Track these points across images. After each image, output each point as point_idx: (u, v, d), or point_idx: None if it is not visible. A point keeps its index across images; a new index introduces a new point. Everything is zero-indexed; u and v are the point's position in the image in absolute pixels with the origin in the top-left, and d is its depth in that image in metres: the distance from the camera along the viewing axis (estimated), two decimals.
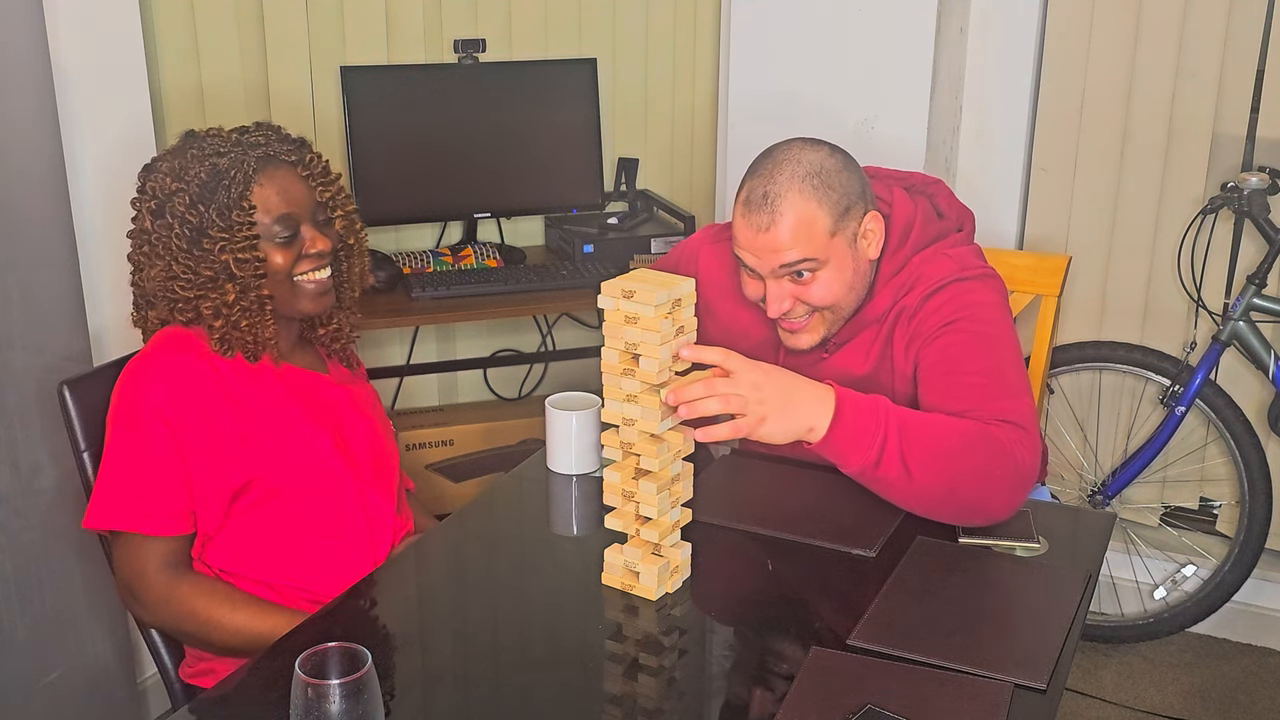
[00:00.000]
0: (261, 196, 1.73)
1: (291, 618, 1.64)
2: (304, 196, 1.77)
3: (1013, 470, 1.63)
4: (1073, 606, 1.50)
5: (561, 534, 1.85)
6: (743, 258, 1.80)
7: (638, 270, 1.49)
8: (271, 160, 1.75)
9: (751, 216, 1.76)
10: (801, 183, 1.75)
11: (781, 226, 1.74)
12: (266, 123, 1.84)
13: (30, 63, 2.08)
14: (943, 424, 1.64)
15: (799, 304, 1.81)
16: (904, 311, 1.85)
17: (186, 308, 1.74)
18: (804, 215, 1.74)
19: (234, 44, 2.74)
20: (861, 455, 1.58)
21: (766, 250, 1.76)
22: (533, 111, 2.95)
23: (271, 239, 1.74)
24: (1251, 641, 2.92)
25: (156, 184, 1.74)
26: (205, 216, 1.70)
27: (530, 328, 3.19)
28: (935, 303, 1.82)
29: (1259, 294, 2.63)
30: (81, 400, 1.78)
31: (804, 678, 1.36)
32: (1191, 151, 2.73)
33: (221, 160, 1.72)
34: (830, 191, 1.76)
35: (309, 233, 1.77)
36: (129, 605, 1.75)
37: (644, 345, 1.44)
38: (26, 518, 2.14)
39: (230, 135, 1.78)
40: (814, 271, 1.78)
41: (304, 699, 1.10)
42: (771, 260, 1.76)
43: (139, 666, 2.47)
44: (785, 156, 1.78)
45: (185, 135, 1.80)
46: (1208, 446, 2.88)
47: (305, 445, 1.77)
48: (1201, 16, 2.66)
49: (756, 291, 1.83)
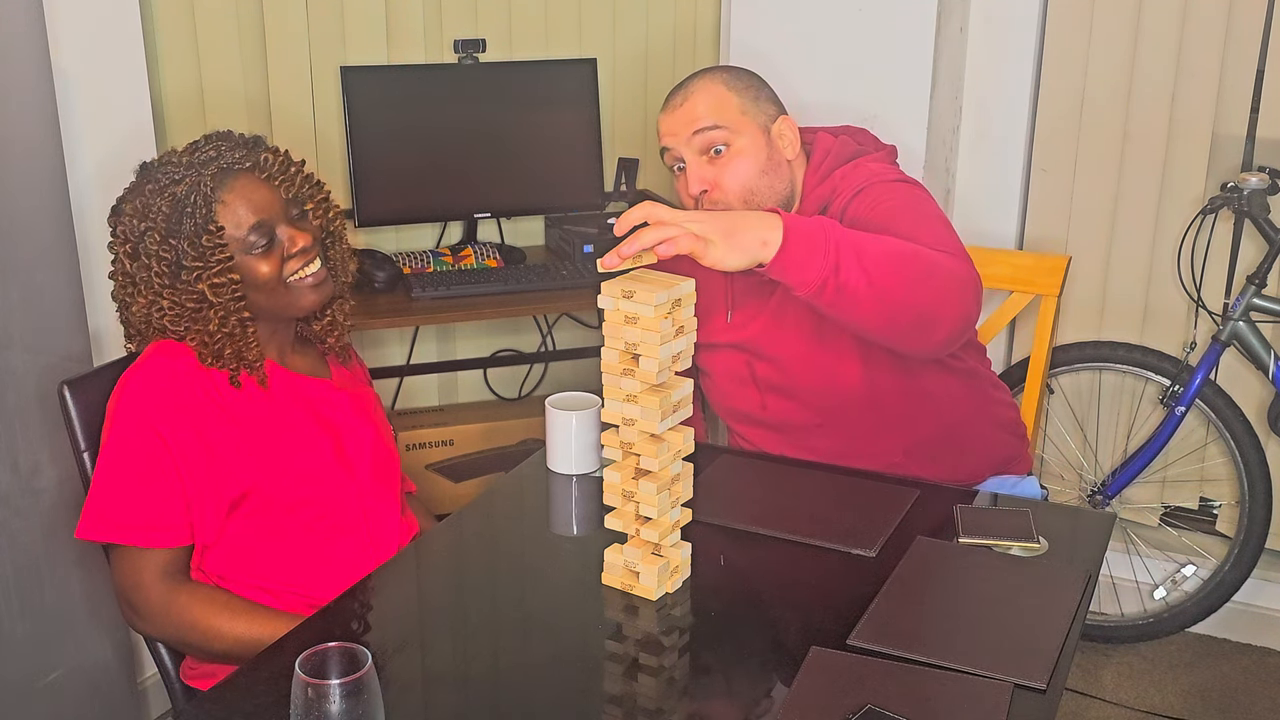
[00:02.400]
0: (227, 213, 1.69)
1: (290, 623, 1.63)
2: (270, 199, 1.73)
3: (953, 275, 1.69)
4: (1073, 606, 1.50)
5: (561, 534, 1.85)
6: (668, 147, 1.95)
7: (638, 270, 1.49)
8: (228, 172, 1.71)
9: (669, 103, 1.96)
10: (712, 74, 1.98)
11: (694, 99, 1.94)
12: (218, 132, 1.79)
13: (30, 63, 2.08)
14: (883, 237, 1.68)
15: (716, 189, 1.91)
16: (844, 209, 1.91)
17: (174, 337, 1.73)
18: (714, 91, 1.94)
19: (234, 44, 2.74)
20: (820, 262, 1.58)
21: (682, 123, 1.92)
22: (533, 111, 2.95)
23: (249, 251, 1.71)
24: (1251, 641, 2.92)
25: (126, 227, 1.72)
26: (178, 249, 1.68)
27: (530, 328, 3.19)
28: (858, 203, 1.89)
29: (1259, 294, 2.64)
30: (82, 400, 1.78)
31: (804, 678, 1.36)
32: (1191, 151, 2.73)
33: (179, 188, 1.69)
34: (738, 81, 1.97)
35: (287, 232, 1.74)
36: (128, 617, 1.73)
37: (644, 345, 1.44)
38: (26, 518, 2.14)
39: (182, 158, 1.73)
40: (728, 146, 1.92)
41: (304, 699, 1.10)
42: (686, 130, 1.92)
43: (139, 666, 2.47)
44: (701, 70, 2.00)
45: (140, 169, 1.77)
46: (1208, 446, 2.88)
47: (304, 454, 1.76)
48: (1201, 16, 2.66)
49: (684, 188, 1.95)
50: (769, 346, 2.02)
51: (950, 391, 2.05)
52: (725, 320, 2.04)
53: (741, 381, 2.07)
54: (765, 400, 2.05)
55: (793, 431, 2.05)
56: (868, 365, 1.97)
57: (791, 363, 2.01)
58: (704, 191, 1.93)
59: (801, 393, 2.02)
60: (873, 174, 1.95)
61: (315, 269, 1.77)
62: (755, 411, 2.07)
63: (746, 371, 2.06)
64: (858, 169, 1.97)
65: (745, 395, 2.07)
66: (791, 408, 2.03)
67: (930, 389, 2.02)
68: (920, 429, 2.03)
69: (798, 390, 2.02)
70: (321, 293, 1.79)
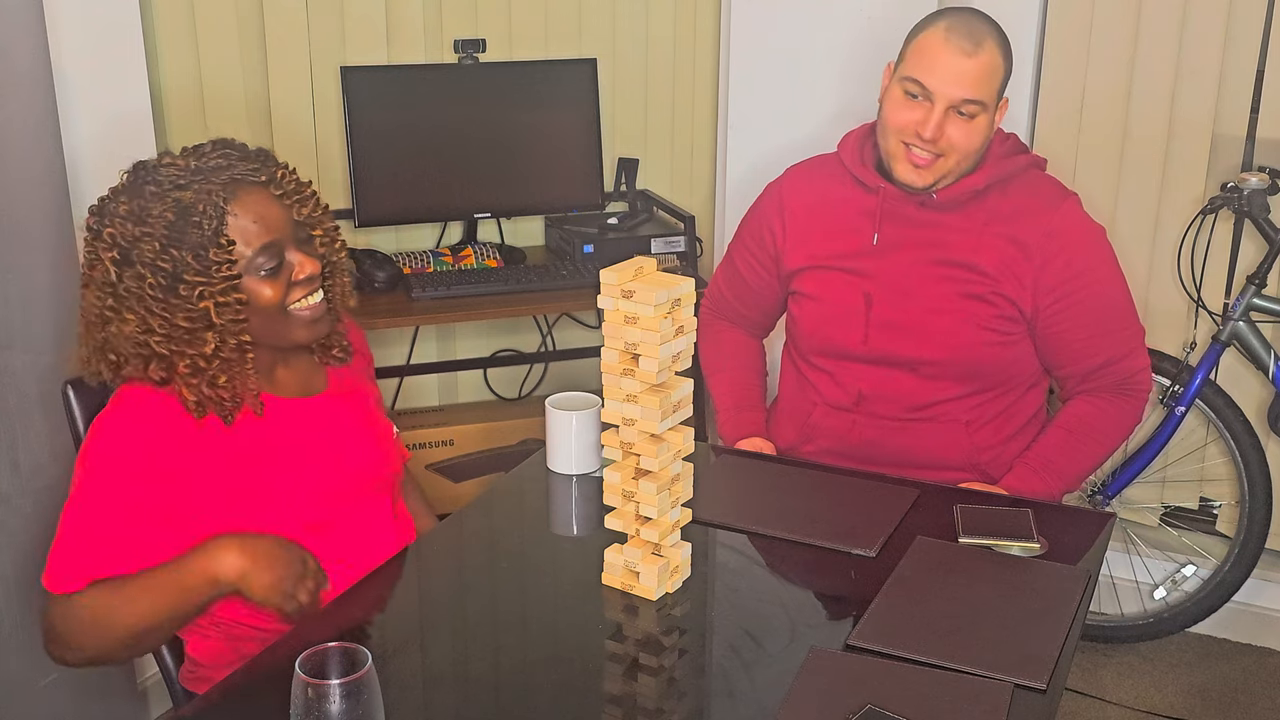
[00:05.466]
0: (238, 228, 1.56)
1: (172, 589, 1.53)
2: (282, 218, 1.60)
3: (1136, 415, 2.12)
4: (1073, 606, 1.50)
5: (561, 534, 1.85)
6: (921, 80, 1.96)
7: (638, 258, 1.49)
8: (240, 184, 1.57)
9: (956, 41, 1.95)
10: (999, 35, 1.99)
11: (981, 59, 1.95)
12: (223, 140, 1.65)
13: (30, 63, 2.08)
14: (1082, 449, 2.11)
15: (944, 142, 1.97)
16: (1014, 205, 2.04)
17: (161, 364, 1.56)
18: (996, 61, 1.97)
19: (234, 44, 2.74)
20: None
21: (957, 76, 1.94)
22: (533, 111, 2.95)
23: (255, 272, 1.58)
24: (1251, 641, 2.92)
25: (117, 230, 1.54)
26: (179, 260, 1.52)
27: (530, 328, 3.19)
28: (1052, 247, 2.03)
29: (1259, 294, 2.63)
30: (85, 400, 1.77)
31: (804, 678, 1.36)
32: (1191, 151, 2.73)
33: (185, 194, 1.54)
34: (1009, 58, 2.02)
35: (295, 257, 1.61)
36: (56, 656, 1.59)
37: (644, 345, 1.44)
38: (26, 518, 2.14)
39: (187, 163, 1.58)
40: (974, 117, 1.97)
41: (304, 699, 1.10)
42: (955, 90, 1.95)
43: (139, 666, 2.47)
44: (978, 13, 2.03)
45: (135, 168, 1.60)
46: (1208, 446, 2.87)
47: (294, 485, 1.66)
48: (1201, 16, 2.65)
49: (911, 116, 1.98)
50: (896, 281, 2.07)
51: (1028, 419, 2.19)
52: (871, 242, 2.09)
53: (851, 310, 2.10)
54: (869, 334, 2.08)
55: (886, 367, 2.09)
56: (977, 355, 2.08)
57: (911, 306, 2.07)
58: (930, 139, 1.97)
59: (914, 332, 2.07)
60: (1068, 223, 2.06)
61: (316, 300, 1.65)
62: (855, 347, 2.09)
63: (862, 302, 2.09)
64: (1042, 183, 2.11)
65: (851, 325, 2.10)
66: (896, 333, 2.08)
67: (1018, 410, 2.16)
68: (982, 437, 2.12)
69: (910, 328, 2.07)
70: (316, 329, 1.67)
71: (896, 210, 2.07)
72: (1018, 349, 2.09)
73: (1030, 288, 2.03)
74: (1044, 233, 2.03)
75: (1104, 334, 2.08)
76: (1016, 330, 2.06)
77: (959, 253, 2.03)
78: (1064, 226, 2.04)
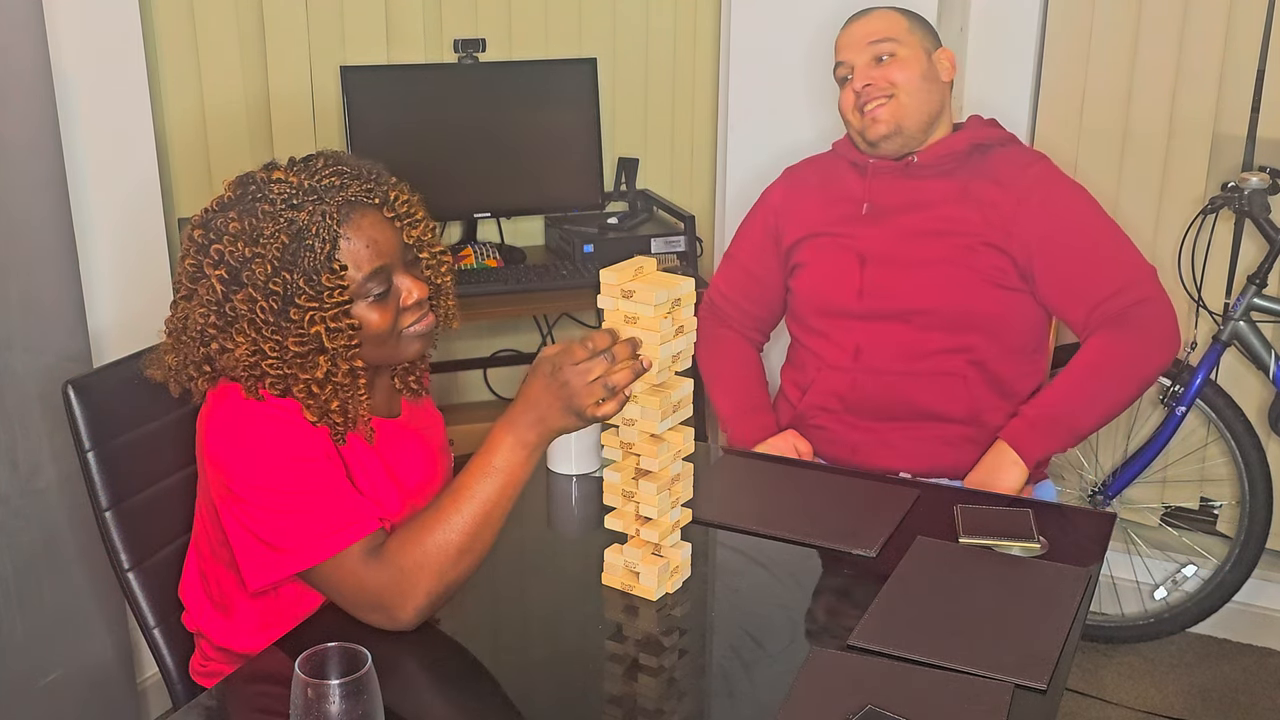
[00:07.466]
0: (350, 252, 1.48)
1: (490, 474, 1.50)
2: (392, 242, 1.53)
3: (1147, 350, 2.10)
4: (1073, 606, 1.50)
5: (561, 534, 1.85)
6: (841, 59, 2.23)
7: (638, 258, 1.49)
8: (354, 206, 1.50)
9: (847, 25, 2.25)
10: (885, 7, 2.27)
11: (873, 14, 2.24)
12: (334, 154, 1.57)
13: (30, 64, 2.08)
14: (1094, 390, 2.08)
15: (880, 81, 2.17)
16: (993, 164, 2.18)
17: (276, 386, 1.50)
18: (888, 15, 2.23)
19: (234, 44, 2.74)
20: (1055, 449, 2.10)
21: (858, 36, 2.21)
22: (533, 111, 2.96)
23: (365, 297, 1.50)
24: (1251, 641, 2.92)
25: (225, 247, 1.47)
26: (291, 284, 1.45)
27: (530, 328, 3.19)
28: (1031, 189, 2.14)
29: (1259, 294, 2.63)
30: (86, 400, 1.75)
31: (804, 678, 1.36)
32: (1191, 151, 2.73)
33: (299, 214, 1.46)
34: (907, 12, 2.25)
35: (404, 282, 1.55)
36: (382, 621, 1.48)
37: (644, 345, 1.44)
38: (26, 518, 2.14)
39: (300, 180, 1.50)
40: (894, 55, 2.18)
41: (304, 699, 1.10)
42: (860, 42, 2.20)
43: (139, 666, 2.47)
44: None
45: (241, 182, 1.52)
46: (1208, 446, 2.87)
47: (380, 501, 1.60)
48: (1201, 16, 2.66)
49: (849, 100, 2.21)
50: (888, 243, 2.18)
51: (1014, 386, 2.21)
52: (861, 211, 2.22)
53: (845, 269, 2.20)
54: (864, 288, 2.17)
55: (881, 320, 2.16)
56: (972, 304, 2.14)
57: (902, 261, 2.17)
58: (866, 86, 2.17)
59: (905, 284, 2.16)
60: (1046, 171, 2.20)
61: (430, 320, 1.60)
62: (850, 303, 2.18)
63: (855, 262, 2.19)
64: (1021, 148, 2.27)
65: (846, 282, 2.19)
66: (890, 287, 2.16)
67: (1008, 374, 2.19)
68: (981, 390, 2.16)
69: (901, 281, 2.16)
70: (428, 341, 1.62)
71: (884, 181, 2.21)
72: (1010, 300, 2.13)
73: (1015, 227, 2.11)
74: (1021, 170, 2.17)
75: (1100, 262, 2.12)
76: (1007, 281, 2.12)
77: (944, 209, 2.15)
78: (1041, 173, 2.18)
